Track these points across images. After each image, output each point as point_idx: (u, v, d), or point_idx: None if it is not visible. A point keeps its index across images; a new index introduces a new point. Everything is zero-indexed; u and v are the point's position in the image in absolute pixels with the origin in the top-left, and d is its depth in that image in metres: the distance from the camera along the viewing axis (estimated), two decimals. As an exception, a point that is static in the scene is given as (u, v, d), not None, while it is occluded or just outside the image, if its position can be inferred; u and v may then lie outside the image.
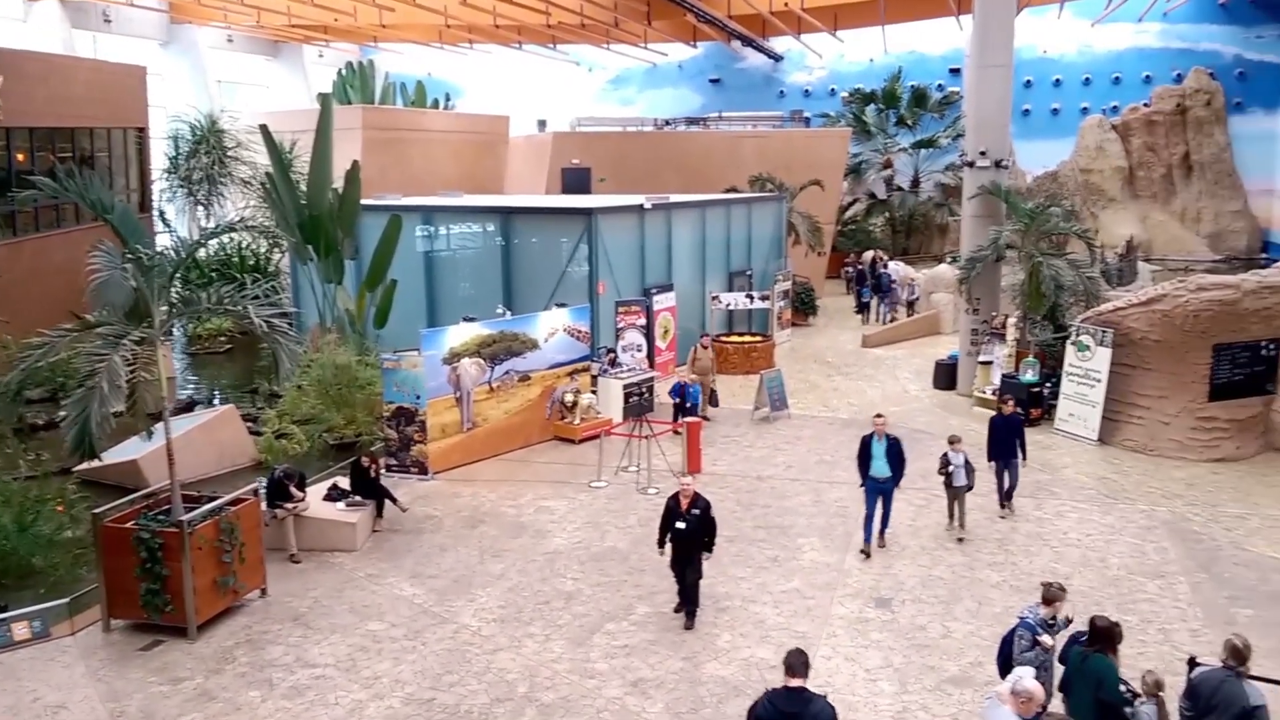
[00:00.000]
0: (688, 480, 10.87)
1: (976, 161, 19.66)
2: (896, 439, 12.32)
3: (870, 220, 38.60)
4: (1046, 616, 7.88)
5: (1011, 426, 13.41)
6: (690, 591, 10.58)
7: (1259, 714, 6.72)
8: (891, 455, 12.15)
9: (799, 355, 24.07)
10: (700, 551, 10.55)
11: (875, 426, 12.37)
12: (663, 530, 10.62)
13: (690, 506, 10.47)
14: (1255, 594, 11.12)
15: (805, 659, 6.56)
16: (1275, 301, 15.27)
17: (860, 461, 12.33)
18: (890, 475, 12.15)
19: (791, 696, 6.38)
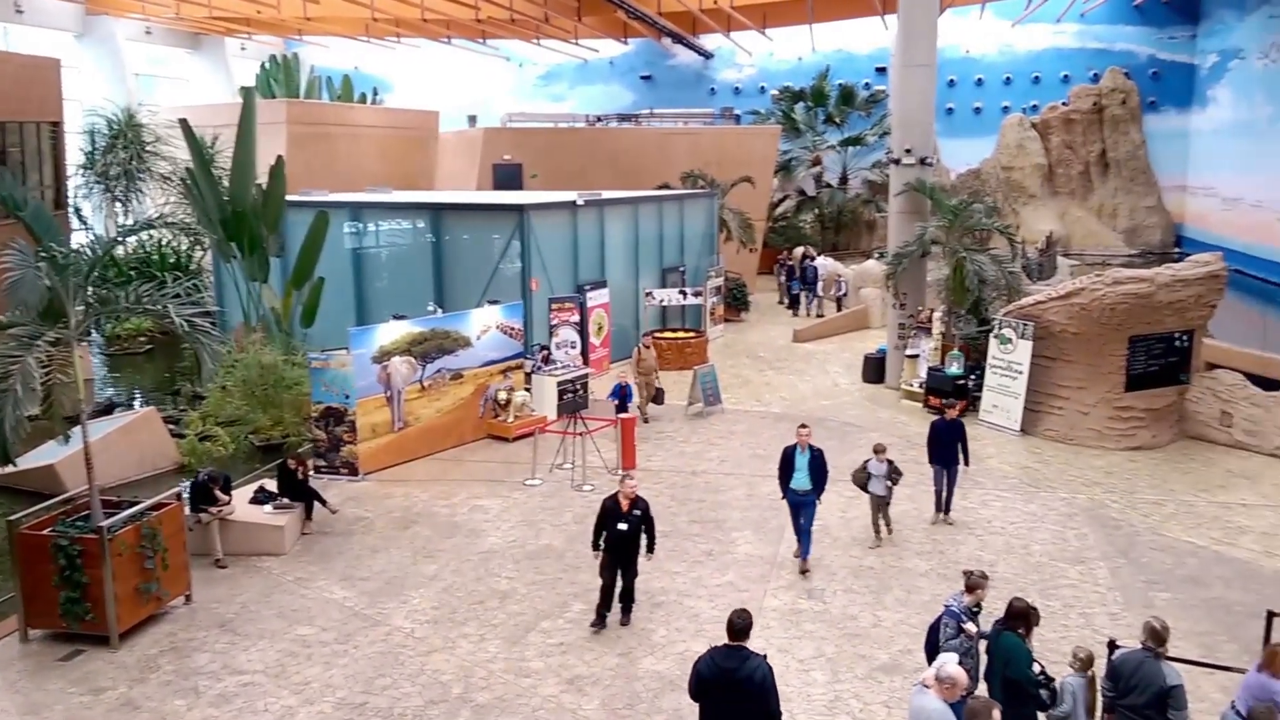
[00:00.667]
0: (633, 481, 10.50)
1: (902, 159, 20.03)
2: (820, 451, 11.75)
3: (800, 217, 39.07)
4: (970, 604, 8.07)
5: (954, 431, 13.07)
6: (627, 591, 10.43)
7: (1175, 693, 6.96)
8: (814, 468, 11.60)
9: (732, 350, 24.27)
10: (638, 553, 10.36)
11: (799, 438, 11.80)
12: (598, 532, 10.32)
13: (631, 507, 10.22)
14: (1171, 577, 11.54)
15: (747, 620, 6.92)
16: (1187, 294, 15.85)
17: (782, 473, 11.77)
18: (811, 488, 11.57)
19: (730, 653, 6.78)
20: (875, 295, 26.63)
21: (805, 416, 18.29)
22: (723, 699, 6.74)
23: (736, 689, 6.67)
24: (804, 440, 11.74)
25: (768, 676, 6.71)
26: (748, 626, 6.90)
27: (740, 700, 6.68)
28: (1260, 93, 34.52)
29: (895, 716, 8.58)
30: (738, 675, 6.65)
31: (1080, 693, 7.43)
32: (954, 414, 13.33)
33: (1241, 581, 11.34)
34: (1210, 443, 16.36)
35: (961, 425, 13.25)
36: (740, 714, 6.72)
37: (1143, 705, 7.07)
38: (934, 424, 13.32)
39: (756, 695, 6.66)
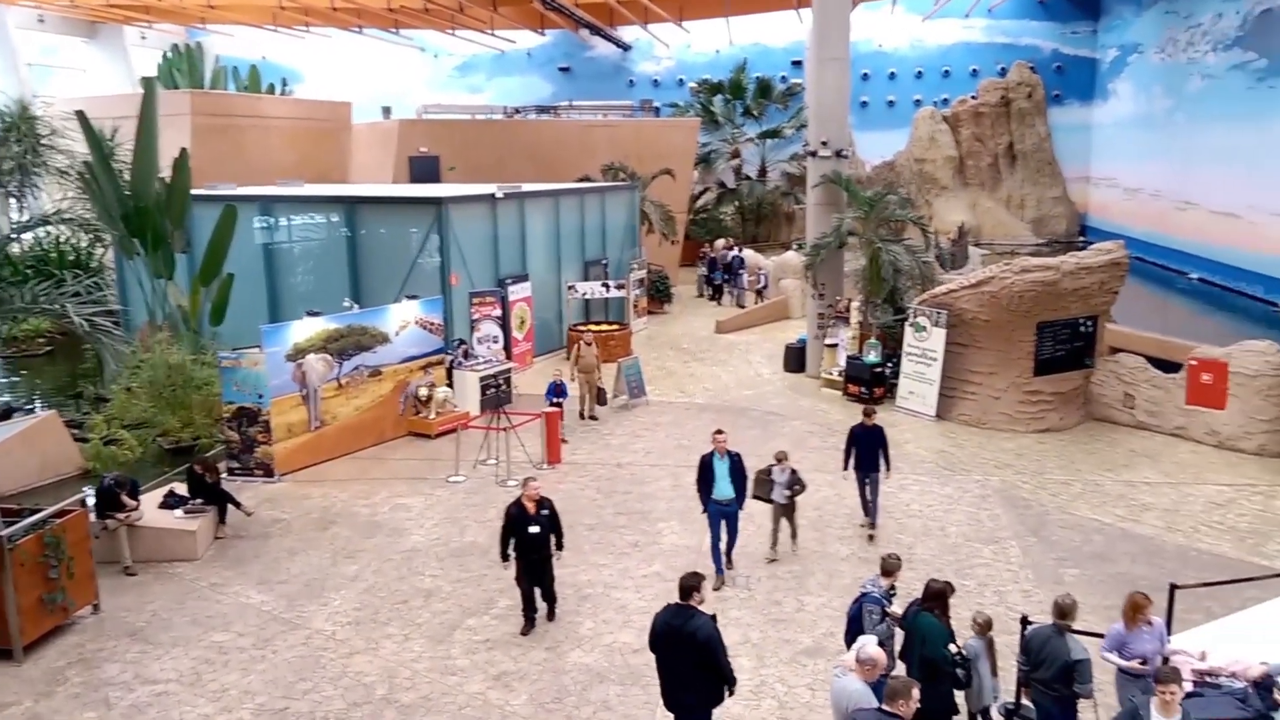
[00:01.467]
0: (536, 483, 10.18)
1: (819, 151, 20.30)
2: (739, 455, 11.14)
3: (721, 209, 39.35)
4: (887, 587, 8.27)
5: (874, 437, 12.47)
6: (547, 594, 10.21)
7: (1080, 667, 7.24)
8: (736, 474, 11.02)
9: (656, 342, 24.34)
10: (551, 555, 10.14)
11: (715, 444, 11.09)
12: (505, 540, 9.98)
13: (538, 509, 9.96)
14: (1080, 554, 11.96)
15: (695, 581, 7.41)
16: (1091, 281, 16.40)
17: (701, 483, 11.07)
18: (735, 496, 11.02)
19: (679, 611, 7.36)
20: (795, 286, 26.99)
21: (728, 406, 18.53)
22: (672, 653, 7.35)
23: (683, 644, 7.24)
24: (722, 446, 11.05)
25: (712, 635, 7.22)
26: (695, 586, 7.38)
27: (687, 654, 7.25)
28: (1157, 86, 35.95)
29: (819, 698, 8.71)
30: (684, 631, 7.22)
31: (982, 654, 7.76)
32: (872, 421, 12.57)
33: (1146, 557, 11.80)
34: (1114, 424, 16.99)
35: (881, 431, 12.59)
36: (687, 666, 7.30)
37: (1050, 679, 7.35)
38: (853, 430, 12.73)
39: (701, 649, 7.19)
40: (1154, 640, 7.62)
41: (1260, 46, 28.64)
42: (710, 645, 7.22)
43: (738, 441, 16.19)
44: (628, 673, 9.34)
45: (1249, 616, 8.60)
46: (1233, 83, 30.07)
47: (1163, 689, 6.22)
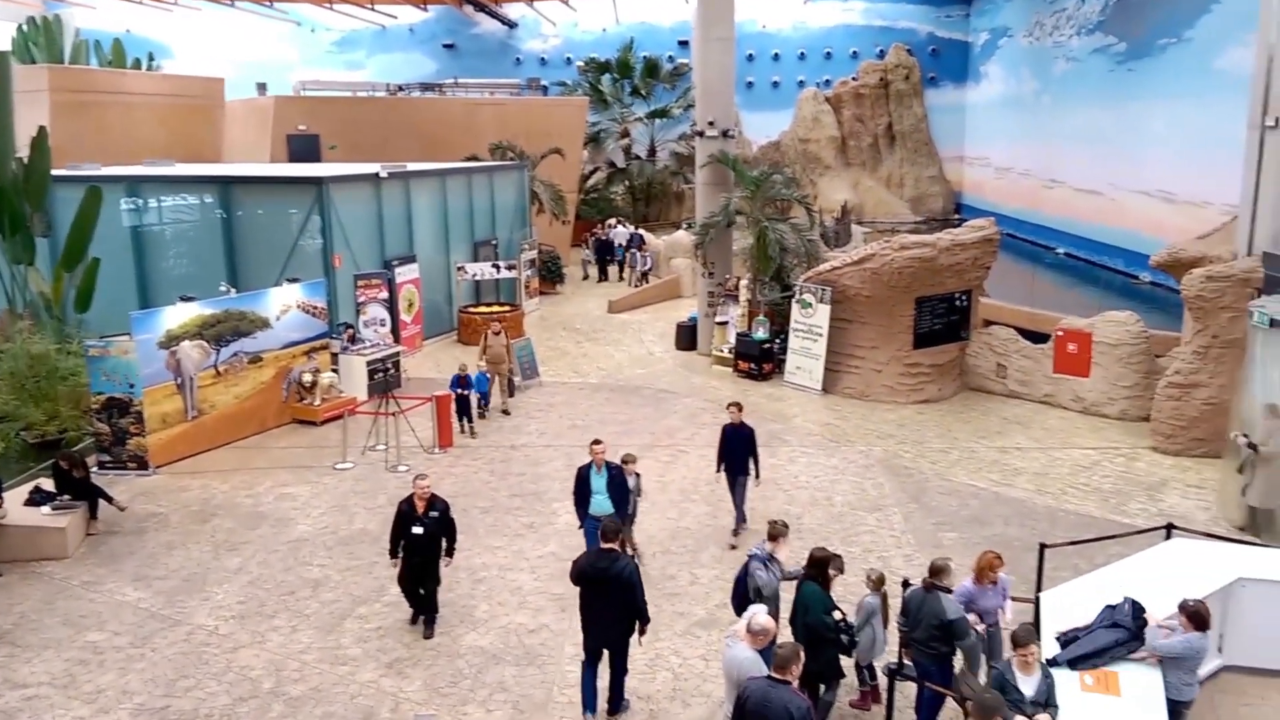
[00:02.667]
0: (425, 481, 9.70)
1: (706, 131, 20.50)
2: (619, 468, 10.45)
3: (611, 188, 39.36)
4: (773, 551, 8.50)
5: (743, 438, 11.86)
6: (428, 599, 9.80)
7: (956, 625, 7.60)
8: (614, 488, 10.29)
9: (548, 323, 24.24)
10: (439, 559, 9.72)
11: (593, 455, 10.35)
12: (394, 538, 9.65)
13: (428, 509, 9.55)
14: (957, 518, 12.48)
15: (617, 527, 8.25)
16: (965, 257, 17.04)
17: (577, 496, 10.42)
18: (613, 512, 10.15)
19: (603, 555, 8.09)
20: (685, 265, 27.24)
21: (622, 386, 18.63)
22: (598, 592, 8.02)
23: (609, 584, 7.94)
24: (600, 457, 10.33)
25: (634, 574, 8.07)
26: (618, 530, 8.22)
27: (612, 593, 7.95)
28: (1026, 68, 37.48)
29: (713, 668, 8.88)
30: (609, 573, 7.94)
31: (877, 609, 8.13)
32: (740, 419, 11.87)
33: (1018, 519, 12.39)
34: (988, 393, 17.75)
35: (751, 433, 11.93)
36: (611, 604, 8.00)
37: (928, 638, 7.68)
38: (723, 429, 12.02)
39: (625, 588, 7.97)
40: (996, 596, 8.13)
41: (1120, 31, 30.16)
42: (634, 584, 7.99)
43: (632, 420, 16.45)
44: (524, 653, 9.34)
45: (1113, 572, 9.14)
46: (1094, 66, 31.60)
47: (1022, 651, 6.54)
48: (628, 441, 15.34)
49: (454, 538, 9.86)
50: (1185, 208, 25.42)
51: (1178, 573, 8.91)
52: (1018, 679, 6.49)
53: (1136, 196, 28.70)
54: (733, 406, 12.07)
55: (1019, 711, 6.42)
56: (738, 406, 12.04)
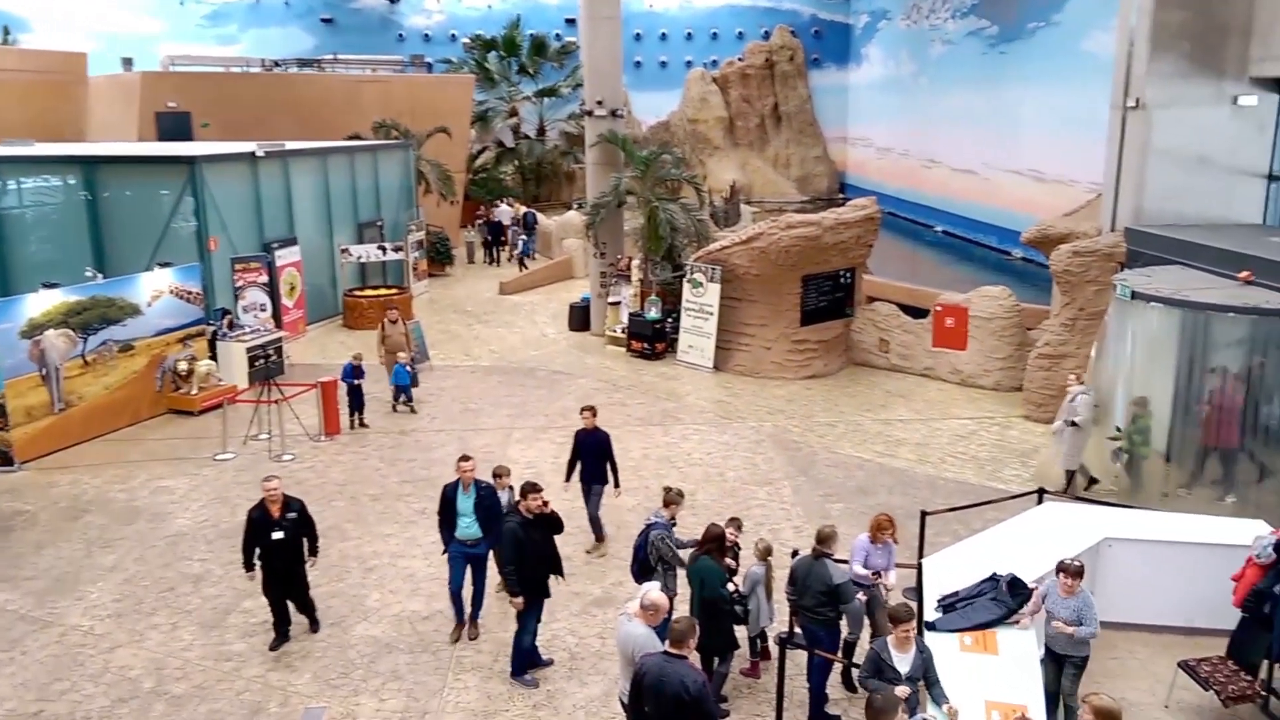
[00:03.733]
0: (273, 484, 8.93)
1: (595, 111, 20.42)
2: (489, 488, 9.30)
3: (500, 168, 38.85)
4: (669, 517, 8.67)
5: (596, 444, 10.85)
6: (303, 605, 9.29)
7: (841, 589, 7.86)
8: (483, 511, 9.14)
9: (438, 306, 23.85)
10: (303, 563, 9.15)
11: (461, 473, 9.14)
12: (248, 548, 8.91)
13: (283, 511, 8.92)
14: (844, 489, 12.85)
15: (531, 487, 8.51)
16: (849, 236, 17.46)
17: (442, 518, 9.24)
18: (482, 537, 9.15)
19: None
20: (577, 245, 27.15)
21: (515, 368, 18.49)
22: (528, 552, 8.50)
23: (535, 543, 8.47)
24: (468, 476, 9.11)
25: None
26: (533, 488, 8.50)
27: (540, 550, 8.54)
28: (904, 51, 38.55)
29: (609, 646, 8.93)
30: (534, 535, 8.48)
31: (761, 579, 8.32)
32: (593, 424, 10.92)
33: (901, 488, 12.83)
34: (872, 367, 18.29)
35: (607, 438, 10.99)
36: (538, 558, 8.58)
37: (817, 604, 7.91)
38: (577, 435, 11.01)
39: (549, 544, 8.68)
40: (886, 556, 8.48)
41: (992, 14, 31.28)
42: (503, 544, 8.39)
43: (526, 402, 16.35)
44: (417, 640, 9.21)
45: (990, 536, 9.55)
46: (969, 48, 32.72)
47: (903, 629, 6.73)
48: (522, 424, 15.30)
49: (316, 537, 9.28)
50: (1054, 186, 26.64)
51: (1049, 535, 9.38)
52: (894, 657, 6.67)
53: (1009, 176, 29.92)
54: (586, 411, 11.09)
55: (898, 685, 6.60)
56: (591, 411, 11.07)
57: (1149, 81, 14.16)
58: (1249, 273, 11.49)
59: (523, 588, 8.40)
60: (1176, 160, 14.27)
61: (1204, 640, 8.64)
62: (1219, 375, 11.26)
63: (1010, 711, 6.57)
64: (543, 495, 8.54)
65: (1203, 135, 14.15)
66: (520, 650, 8.59)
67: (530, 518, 8.44)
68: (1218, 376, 11.26)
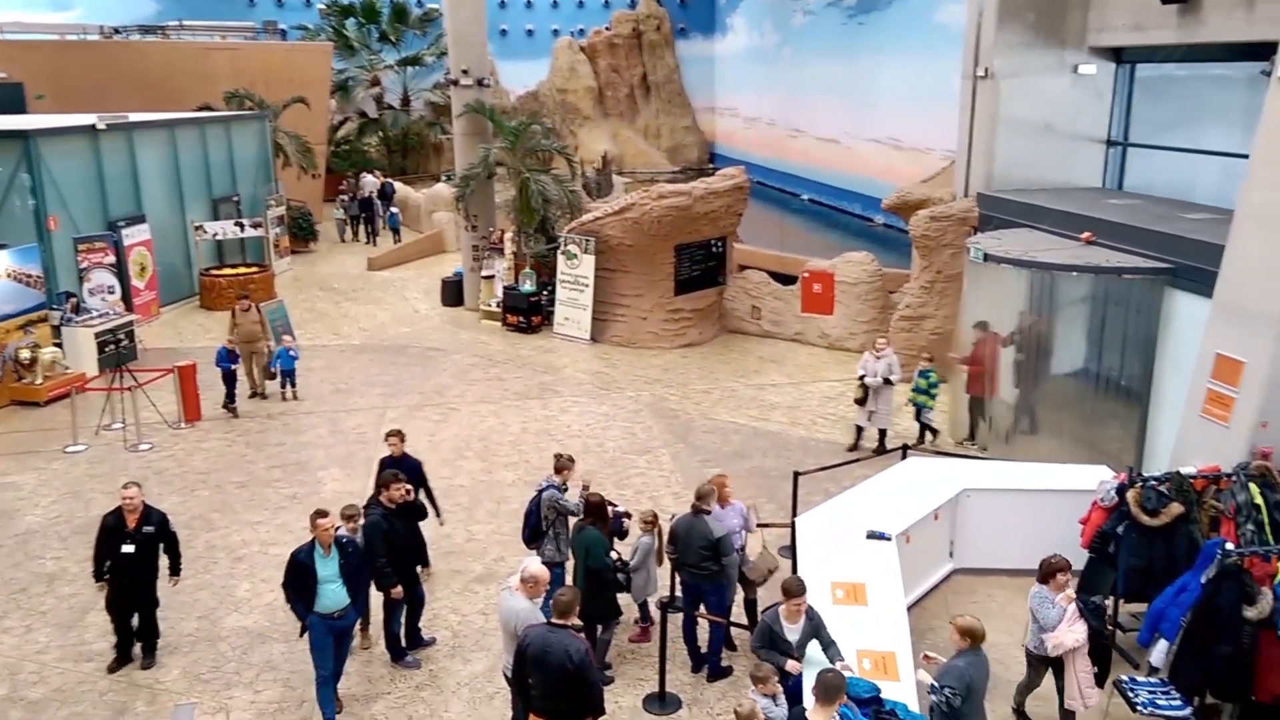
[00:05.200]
0: (130, 492, 8.18)
1: (460, 80, 20.00)
2: (352, 541, 7.83)
3: (364, 140, 37.62)
4: (560, 483, 8.72)
5: (407, 473, 9.00)
6: (147, 627, 8.44)
7: (722, 543, 8.08)
8: (350, 571, 7.61)
9: (303, 284, 23.04)
10: (154, 580, 8.31)
11: (317, 531, 7.50)
12: (98, 556, 8.18)
13: (140, 523, 8.13)
14: (720, 454, 13.09)
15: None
16: (719, 205, 17.67)
17: (295, 591, 7.52)
18: (351, 602, 7.66)
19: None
20: (448, 219, 26.63)
21: (386, 346, 18.08)
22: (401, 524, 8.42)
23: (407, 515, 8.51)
24: (326, 534, 7.52)
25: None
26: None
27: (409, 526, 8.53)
28: (767, 21, 39.08)
29: (491, 622, 8.88)
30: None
31: (650, 547, 8.45)
32: (402, 448, 9.47)
33: (775, 450, 13.17)
34: (745, 334, 18.65)
35: (418, 466, 9.59)
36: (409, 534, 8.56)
37: (700, 559, 8.13)
38: (383, 463, 9.57)
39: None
40: (736, 518, 8.64)
41: (850, -13, 32.01)
42: (370, 538, 8.03)
43: (399, 380, 16.03)
44: (294, 628, 8.91)
45: (859, 492, 9.92)
46: (829, 19, 33.43)
47: (795, 601, 6.89)
48: (396, 402, 14.99)
49: (178, 555, 8.43)
50: (912, 154, 27.58)
51: (913, 488, 9.82)
52: (785, 628, 6.86)
53: (869, 144, 30.81)
54: (392, 437, 9.51)
55: (790, 657, 6.79)
56: (398, 436, 9.53)
57: (996, 52, 14.79)
58: (1090, 234, 12.20)
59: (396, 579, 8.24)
60: (1023, 127, 14.96)
61: (1055, 580, 9.19)
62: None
63: (880, 658, 6.86)
64: (405, 484, 8.38)
65: (1047, 103, 14.87)
66: (393, 635, 8.43)
67: (393, 508, 8.24)
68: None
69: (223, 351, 14.53)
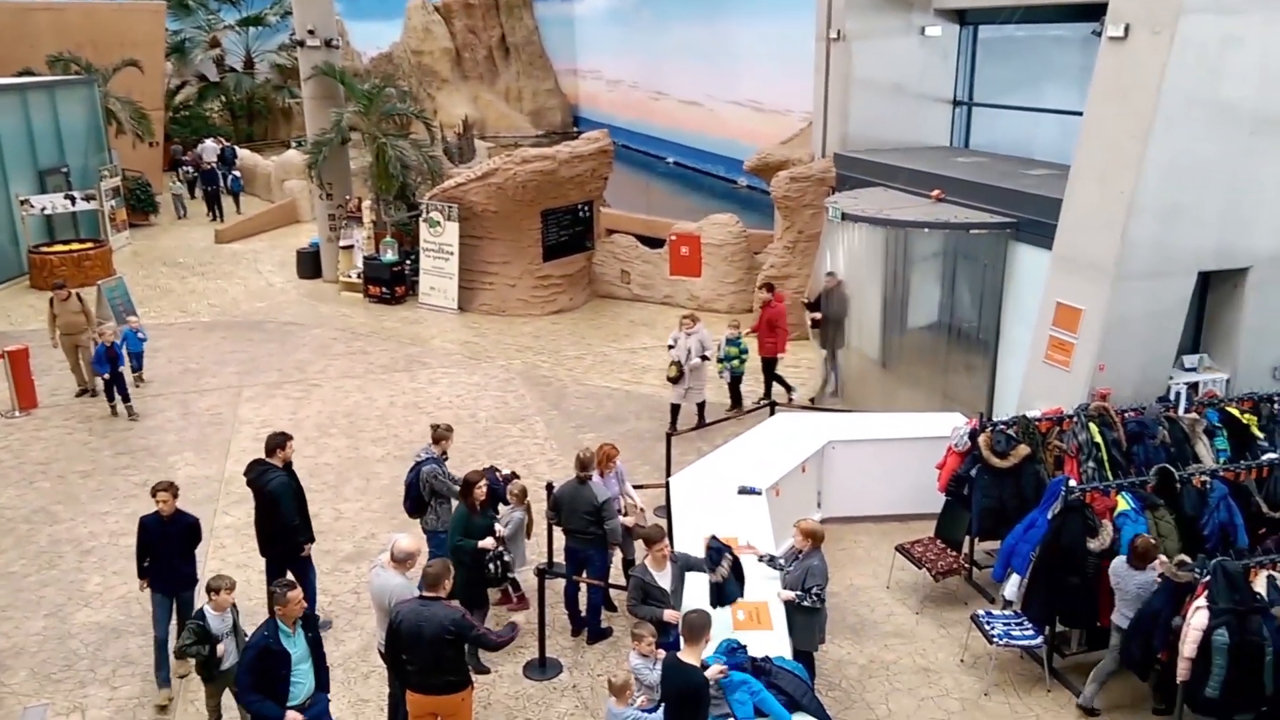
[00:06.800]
0: None
1: (306, 41, 19.14)
2: (314, 616, 6.97)
3: (206, 105, 35.66)
4: (438, 454, 8.57)
5: (175, 536, 7.66)
6: None
7: (605, 506, 8.12)
8: (317, 649, 6.37)
9: (145, 259, 21.76)
10: None
11: (286, 606, 6.10)
12: None
13: None
14: (594, 419, 13.10)
15: (279, 440, 8.18)
16: (584, 169, 17.53)
17: (262, 688, 5.99)
18: (316, 685, 6.36)
19: (265, 471, 8.13)
20: (301, 187, 25.54)
21: (240, 322, 17.33)
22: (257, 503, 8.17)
23: (259, 496, 8.10)
24: (296, 608, 6.13)
25: (278, 489, 8.05)
26: (275, 446, 8.10)
27: (261, 504, 8.11)
28: (626, -17, 38.81)
29: (364, 601, 8.67)
30: (258, 484, 8.06)
31: (521, 522, 8.39)
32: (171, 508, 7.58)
33: (648, 413, 13.24)
34: (616, 299, 18.66)
35: (194, 527, 7.80)
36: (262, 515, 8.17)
37: (585, 525, 8.15)
38: (144, 521, 7.67)
39: (269, 502, 8.07)
40: (616, 485, 8.72)
41: (707, -52, 32.08)
42: (276, 500, 7.95)
43: (255, 357, 15.40)
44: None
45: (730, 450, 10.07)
46: (687, -19, 33.44)
47: (655, 548, 6.99)
48: (252, 380, 14.38)
49: None
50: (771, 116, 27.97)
51: (781, 443, 10.05)
52: (655, 576, 6.92)
53: (731, 107, 31.10)
54: (162, 493, 7.59)
55: (666, 606, 6.83)
56: (169, 490, 7.63)
57: (848, 14, 15.08)
58: (940, 191, 12.67)
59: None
60: (875, 88, 15.35)
61: (916, 525, 9.63)
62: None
63: (753, 609, 7.02)
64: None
65: (896, 64, 15.28)
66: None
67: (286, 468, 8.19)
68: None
69: (100, 351, 12.77)
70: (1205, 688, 6.34)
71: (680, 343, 12.45)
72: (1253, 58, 8.99)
